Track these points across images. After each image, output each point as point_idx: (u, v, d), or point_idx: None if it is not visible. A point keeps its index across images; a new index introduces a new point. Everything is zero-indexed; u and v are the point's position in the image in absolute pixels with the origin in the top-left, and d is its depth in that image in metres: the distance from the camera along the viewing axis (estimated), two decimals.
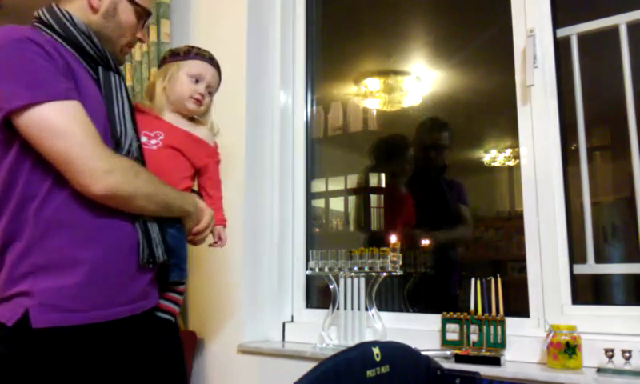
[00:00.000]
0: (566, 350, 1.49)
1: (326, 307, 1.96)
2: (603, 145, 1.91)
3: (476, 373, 1.43)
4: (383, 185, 2.39)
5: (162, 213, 1.32)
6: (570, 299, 1.65)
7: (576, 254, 1.69)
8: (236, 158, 2.08)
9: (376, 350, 1.15)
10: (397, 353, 1.23)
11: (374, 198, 2.37)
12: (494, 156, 2.13)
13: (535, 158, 1.73)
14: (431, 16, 2.31)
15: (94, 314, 1.19)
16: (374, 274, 1.86)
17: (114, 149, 1.25)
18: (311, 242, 2.22)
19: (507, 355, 1.63)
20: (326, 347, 1.87)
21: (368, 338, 1.84)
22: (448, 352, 1.69)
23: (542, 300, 1.67)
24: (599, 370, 1.44)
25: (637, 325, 1.53)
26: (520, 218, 1.75)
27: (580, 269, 1.68)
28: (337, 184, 2.45)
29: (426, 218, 2.20)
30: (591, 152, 1.76)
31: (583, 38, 1.75)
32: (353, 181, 2.45)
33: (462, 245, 2.16)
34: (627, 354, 1.41)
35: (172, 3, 2.28)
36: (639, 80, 1.65)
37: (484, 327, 1.66)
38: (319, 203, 2.40)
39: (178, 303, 1.48)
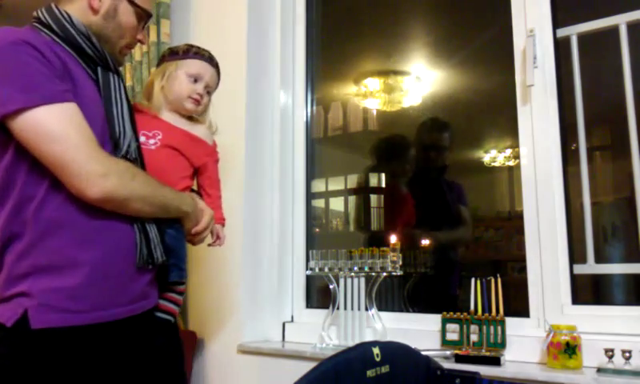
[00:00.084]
0: (565, 350, 1.49)
1: (326, 307, 1.96)
2: (603, 145, 1.91)
3: (476, 373, 1.43)
4: (383, 185, 2.39)
5: (160, 214, 1.32)
6: (570, 299, 1.65)
7: (576, 254, 1.69)
8: (236, 158, 2.08)
9: (376, 350, 1.15)
10: (397, 353, 1.23)
11: (373, 198, 2.37)
12: (494, 156, 2.13)
13: (535, 158, 1.73)
14: (431, 16, 2.31)
15: (94, 314, 1.19)
16: (374, 274, 1.86)
17: (112, 150, 1.25)
18: (311, 242, 2.22)
19: (507, 355, 1.63)
20: (325, 347, 1.87)
21: (368, 337, 1.84)
22: (448, 352, 1.69)
23: (542, 300, 1.67)
24: (599, 370, 1.44)
25: (637, 325, 1.53)
26: (520, 217, 1.75)
27: (580, 269, 1.68)
28: (337, 184, 2.45)
29: (426, 218, 2.20)
30: (591, 152, 1.76)
31: (583, 38, 1.75)
32: (353, 181, 2.45)
33: (462, 245, 2.16)
34: (627, 354, 1.41)
35: (172, 3, 2.28)
36: (639, 80, 1.65)
37: (484, 327, 1.66)
38: (319, 203, 2.40)
39: (178, 303, 1.48)
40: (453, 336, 1.73)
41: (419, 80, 2.30)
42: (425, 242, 2.14)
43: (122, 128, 1.28)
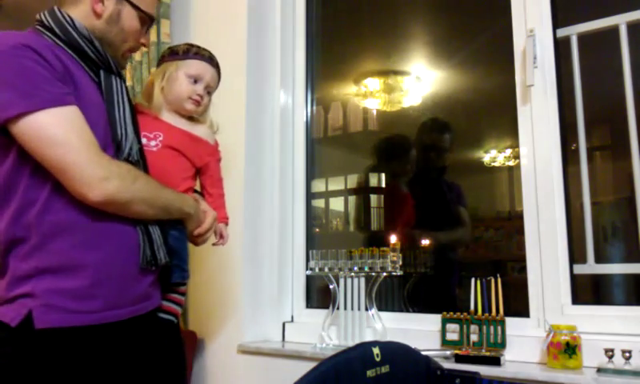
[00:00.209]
0: (565, 350, 1.49)
1: (326, 307, 1.96)
2: (603, 145, 1.91)
3: (476, 373, 1.43)
4: (383, 185, 2.39)
5: (162, 216, 1.33)
6: (570, 299, 1.65)
7: (576, 254, 1.69)
8: (236, 158, 2.08)
9: (376, 350, 1.15)
10: (397, 353, 1.23)
11: (373, 198, 2.37)
12: (494, 156, 2.13)
13: (535, 158, 1.73)
14: (431, 16, 2.31)
15: (98, 315, 1.20)
16: (374, 274, 1.86)
17: (114, 153, 1.25)
18: (311, 242, 2.22)
19: (507, 355, 1.63)
20: (325, 347, 1.87)
21: (368, 337, 1.84)
22: (448, 352, 1.69)
23: (542, 300, 1.67)
24: (599, 370, 1.44)
25: (637, 325, 1.53)
26: (520, 217, 1.75)
27: (580, 269, 1.68)
28: (337, 184, 2.45)
29: (425, 218, 2.20)
30: (591, 152, 1.76)
31: (583, 38, 1.75)
32: (353, 181, 2.45)
33: (461, 246, 2.16)
34: (627, 354, 1.41)
35: (172, 3, 2.28)
36: (639, 80, 1.65)
37: (484, 327, 1.66)
38: (319, 203, 2.40)
39: (180, 304, 1.49)
40: (453, 336, 1.73)
41: (419, 80, 2.30)
42: (424, 243, 2.14)
43: (123, 131, 1.28)
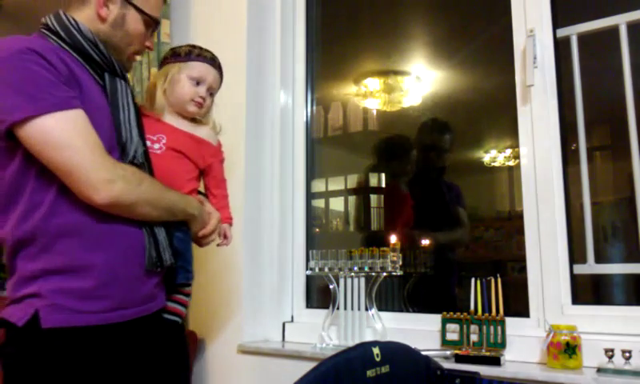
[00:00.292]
0: (565, 350, 1.49)
1: (326, 307, 1.96)
2: (603, 145, 1.91)
3: (476, 373, 1.43)
4: (383, 185, 2.39)
5: (166, 218, 1.34)
6: (570, 299, 1.65)
7: (576, 254, 1.69)
8: (236, 158, 2.08)
9: (376, 350, 1.15)
10: (397, 353, 1.23)
11: (373, 198, 2.37)
12: (494, 156, 2.13)
13: (535, 158, 1.73)
14: (431, 16, 2.31)
15: (104, 315, 1.21)
16: (374, 274, 1.86)
17: (120, 155, 1.26)
18: (311, 242, 2.22)
19: (507, 355, 1.63)
20: (325, 347, 1.87)
21: (368, 337, 1.84)
22: (448, 352, 1.69)
23: (542, 300, 1.67)
24: (599, 370, 1.44)
25: (637, 325, 1.53)
26: (520, 217, 1.75)
27: (580, 269, 1.68)
28: (337, 184, 2.45)
29: (424, 218, 2.20)
30: (591, 152, 1.76)
31: (583, 38, 1.75)
32: (353, 181, 2.45)
33: (460, 247, 2.16)
34: (627, 354, 1.41)
35: (172, 3, 2.28)
36: (639, 80, 1.65)
37: (484, 327, 1.66)
38: (319, 203, 2.40)
39: (185, 304, 1.50)
40: (453, 336, 1.72)
41: (419, 80, 2.30)
42: (423, 243, 2.14)
43: (128, 134, 1.29)
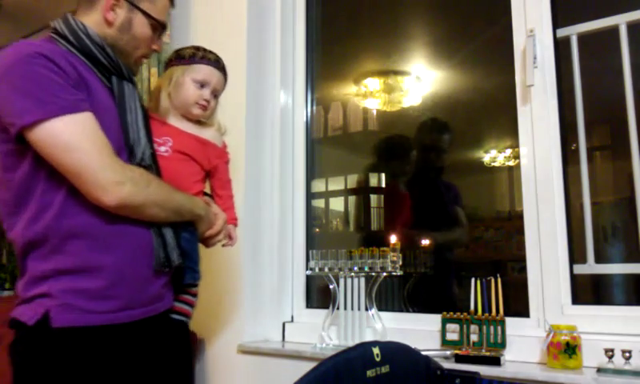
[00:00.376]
0: (565, 350, 1.49)
1: (326, 307, 1.96)
2: (603, 145, 1.91)
3: (476, 373, 1.43)
4: (383, 184, 2.39)
5: (174, 218, 1.35)
6: (570, 299, 1.65)
7: (576, 254, 1.69)
8: (236, 158, 2.06)
9: (376, 350, 1.15)
10: (397, 353, 1.23)
11: (373, 198, 2.37)
12: (494, 156, 2.13)
13: (535, 158, 1.73)
14: (431, 16, 2.31)
15: (113, 315, 1.23)
16: (374, 274, 1.86)
17: (128, 157, 1.28)
18: (311, 242, 2.22)
19: (507, 355, 1.63)
20: (325, 347, 1.87)
21: (368, 337, 1.84)
22: (448, 352, 1.69)
23: (542, 300, 1.67)
24: (599, 370, 1.44)
25: (637, 325, 1.53)
26: (520, 218, 1.75)
27: (580, 269, 1.68)
28: (337, 184, 2.45)
29: (423, 218, 2.20)
30: (591, 152, 1.76)
31: (583, 38, 1.75)
32: (353, 181, 2.45)
33: (458, 246, 2.16)
34: (627, 354, 1.41)
35: None
36: (639, 80, 1.64)
37: (484, 327, 1.66)
38: (319, 203, 2.40)
39: (192, 304, 1.52)
40: (453, 336, 1.72)
41: (419, 80, 2.30)
42: (423, 243, 2.14)
43: (136, 136, 1.31)
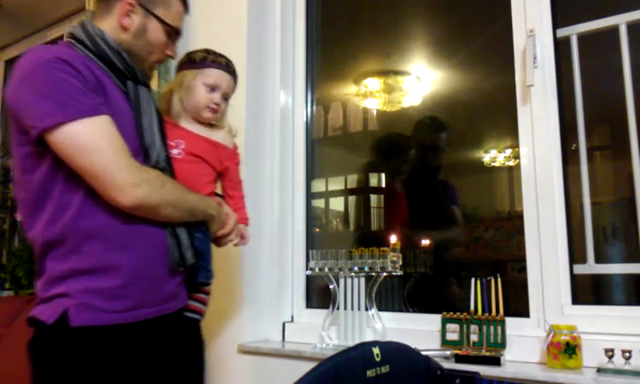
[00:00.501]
0: (565, 350, 1.49)
1: (326, 307, 1.96)
2: (603, 145, 1.91)
3: (476, 373, 1.43)
4: (383, 184, 2.39)
5: (187, 218, 1.38)
6: (570, 299, 1.65)
7: (576, 254, 1.69)
8: None
9: (376, 350, 1.15)
10: (397, 353, 1.23)
11: (372, 198, 2.37)
12: (494, 156, 2.13)
13: (535, 158, 1.73)
14: (431, 16, 2.31)
15: (130, 314, 1.26)
16: (374, 274, 1.86)
17: (143, 159, 1.31)
18: (311, 242, 2.22)
19: (507, 355, 1.63)
20: (325, 347, 1.87)
21: (368, 337, 1.84)
22: (448, 352, 1.69)
23: (542, 300, 1.67)
24: (599, 370, 1.44)
25: (637, 325, 1.53)
26: (520, 218, 1.75)
27: (580, 269, 1.68)
28: (337, 184, 2.45)
29: (419, 217, 2.20)
30: (591, 152, 1.76)
31: (583, 38, 1.75)
32: (353, 181, 2.45)
33: (455, 245, 2.16)
34: (627, 354, 1.41)
35: None
36: (639, 80, 1.64)
37: (484, 327, 1.66)
38: (319, 203, 2.40)
39: (205, 303, 1.56)
40: (453, 336, 1.72)
41: (419, 80, 2.30)
42: (419, 242, 2.14)
43: (151, 139, 1.34)
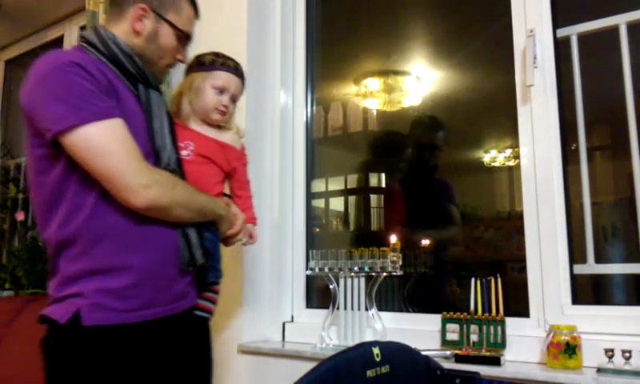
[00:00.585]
0: (566, 350, 1.49)
1: (326, 307, 1.96)
2: (603, 145, 1.91)
3: (476, 373, 1.43)
4: (383, 184, 2.39)
5: (197, 219, 1.40)
6: (570, 299, 1.65)
7: (576, 254, 1.69)
8: None
9: (376, 350, 1.15)
10: (397, 353, 1.23)
11: (372, 198, 2.37)
12: (494, 156, 2.13)
13: (535, 158, 1.73)
14: (431, 16, 2.31)
15: (141, 313, 1.29)
16: (373, 274, 1.86)
17: (154, 161, 1.33)
18: (311, 242, 2.22)
19: (507, 355, 1.63)
20: (325, 347, 1.87)
21: (368, 337, 1.84)
22: (448, 352, 1.69)
23: (542, 300, 1.67)
24: (599, 370, 1.44)
25: (637, 325, 1.53)
26: (520, 218, 1.75)
27: (580, 269, 1.68)
28: (337, 184, 2.45)
29: (416, 216, 2.20)
30: (591, 152, 1.76)
31: (583, 38, 1.75)
32: (352, 181, 2.45)
33: (454, 244, 2.16)
34: (627, 354, 1.41)
35: None
36: (639, 80, 1.65)
37: (484, 327, 1.66)
38: (319, 203, 2.40)
39: (214, 302, 1.58)
40: (453, 336, 1.72)
41: (419, 80, 2.30)
42: (419, 242, 2.14)
43: (162, 141, 1.37)
